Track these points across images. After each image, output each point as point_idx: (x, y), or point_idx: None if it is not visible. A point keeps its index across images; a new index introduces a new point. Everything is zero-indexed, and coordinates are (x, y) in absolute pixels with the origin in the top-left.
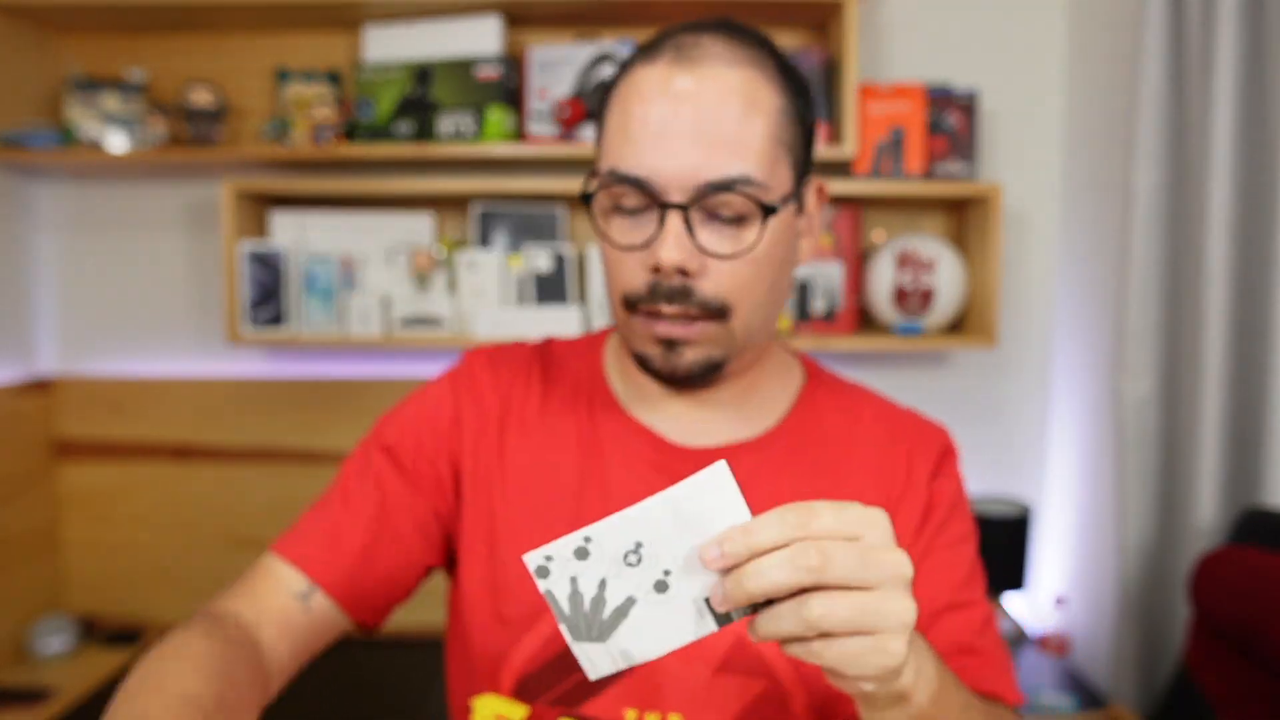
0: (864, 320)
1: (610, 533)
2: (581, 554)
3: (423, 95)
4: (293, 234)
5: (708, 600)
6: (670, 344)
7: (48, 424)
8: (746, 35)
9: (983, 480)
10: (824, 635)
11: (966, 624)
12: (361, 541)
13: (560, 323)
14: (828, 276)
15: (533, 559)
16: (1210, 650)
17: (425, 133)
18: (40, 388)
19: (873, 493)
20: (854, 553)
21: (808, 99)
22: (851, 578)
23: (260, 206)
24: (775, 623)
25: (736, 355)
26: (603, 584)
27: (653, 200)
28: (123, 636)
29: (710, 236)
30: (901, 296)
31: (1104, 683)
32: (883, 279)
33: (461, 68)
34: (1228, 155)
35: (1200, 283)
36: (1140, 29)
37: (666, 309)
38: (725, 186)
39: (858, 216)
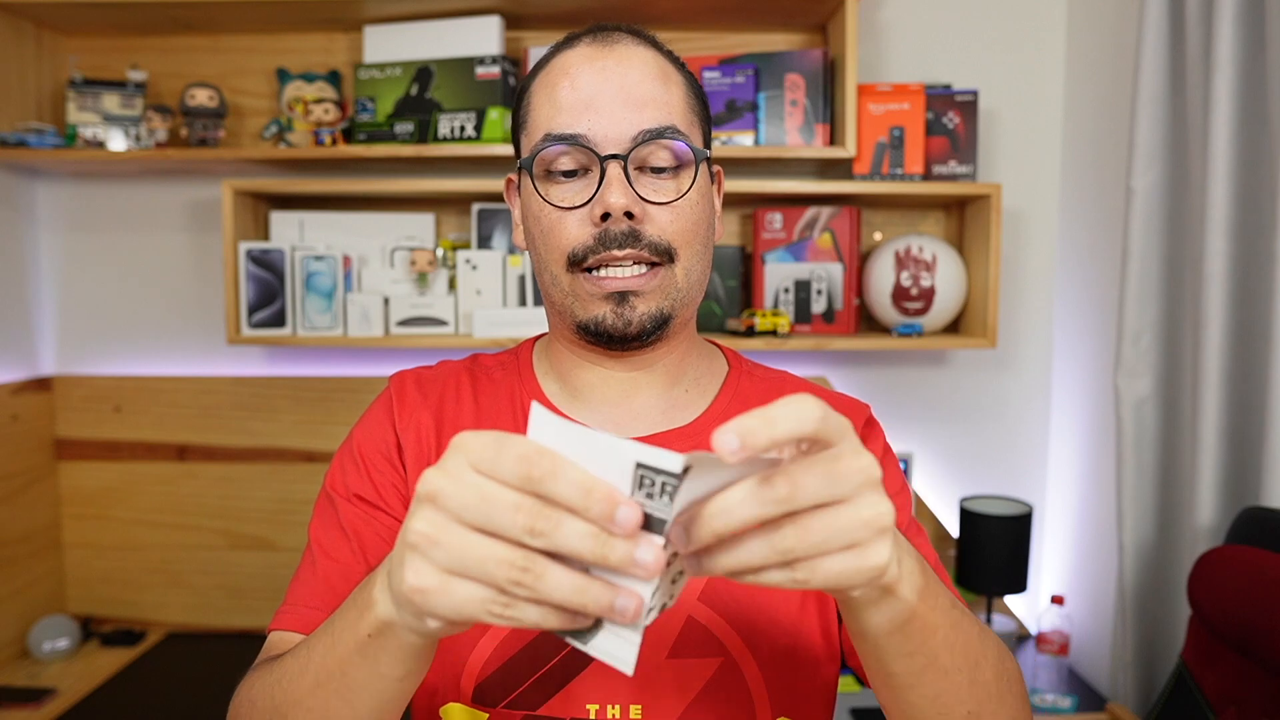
0: (864, 320)
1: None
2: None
3: (423, 95)
4: (293, 234)
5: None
6: (623, 297)
7: (48, 424)
8: (646, 35)
9: (983, 480)
10: (802, 559)
11: None
12: (356, 585)
13: None
14: (828, 276)
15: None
16: (1209, 650)
17: (425, 133)
18: (40, 388)
19: None
20: (820, 471)
21: (702, 96)
22: (823, 496)
23: (260, 206)
24: (744, 555)
25: (679, 310)
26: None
27: (591, 156)
28: (123, 636)
29: (647, 188)
30: (901, 296)
31: (1103, 682)
32: (883, 279)
33: (461, 68)
34: (1228, 155)
35: (1200, 283)
36: (1140, 29)
37: (618, 254)
38: (658, 134)
39: (857, 216)
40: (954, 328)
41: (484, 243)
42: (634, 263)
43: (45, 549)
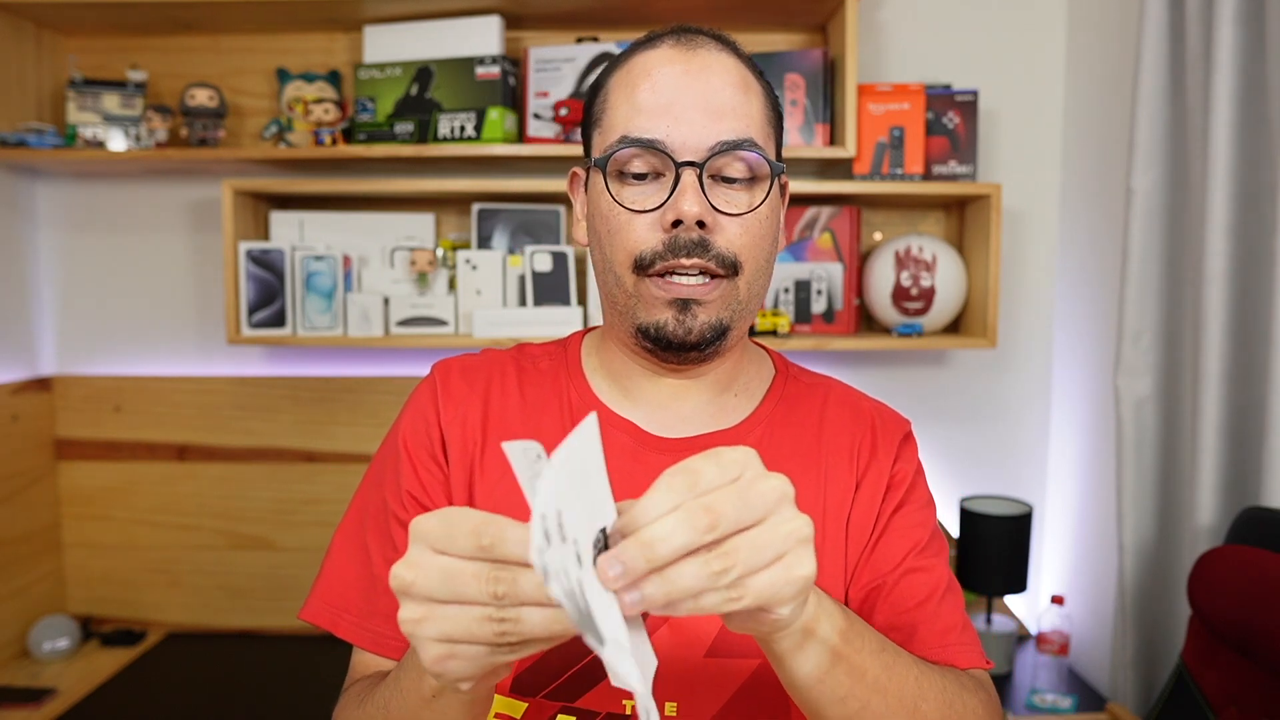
0: (864, 320)
1: (547, 513)
2: (549, 537)
3: (423, 95)
4: (293, 234)
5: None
6: (685, 305)
7: (48, 424)
8: (728, 40)
9: (982, 480)
10: (735, 580)
11: (923, 585)
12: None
13: (560, 323)
14: (828, 276)
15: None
16: (1209, 650)
17: (425, 133)
18: (40, 388)
19: (843, 471)
20: (735, 496)
21: (778, 107)
22: (744, 519)
23: (260, 206)
24: (680, 581)
25: (738, 322)
26: (567, 571)
27: (666, 162)
28: (123, 636)
29: (720, 198)
30: (901, 296)
31: (1103, 682)
32: (883, 279)
33: (461, 68)
34: (1228, 155)
35: (1200, 283)
36: (1140, 29)
37: (685, 262)
38: (735, 145)
39: (857, 216)
40: (954, 328)
41: (484, 243)
42: (699, 272)
43: (45, 549)
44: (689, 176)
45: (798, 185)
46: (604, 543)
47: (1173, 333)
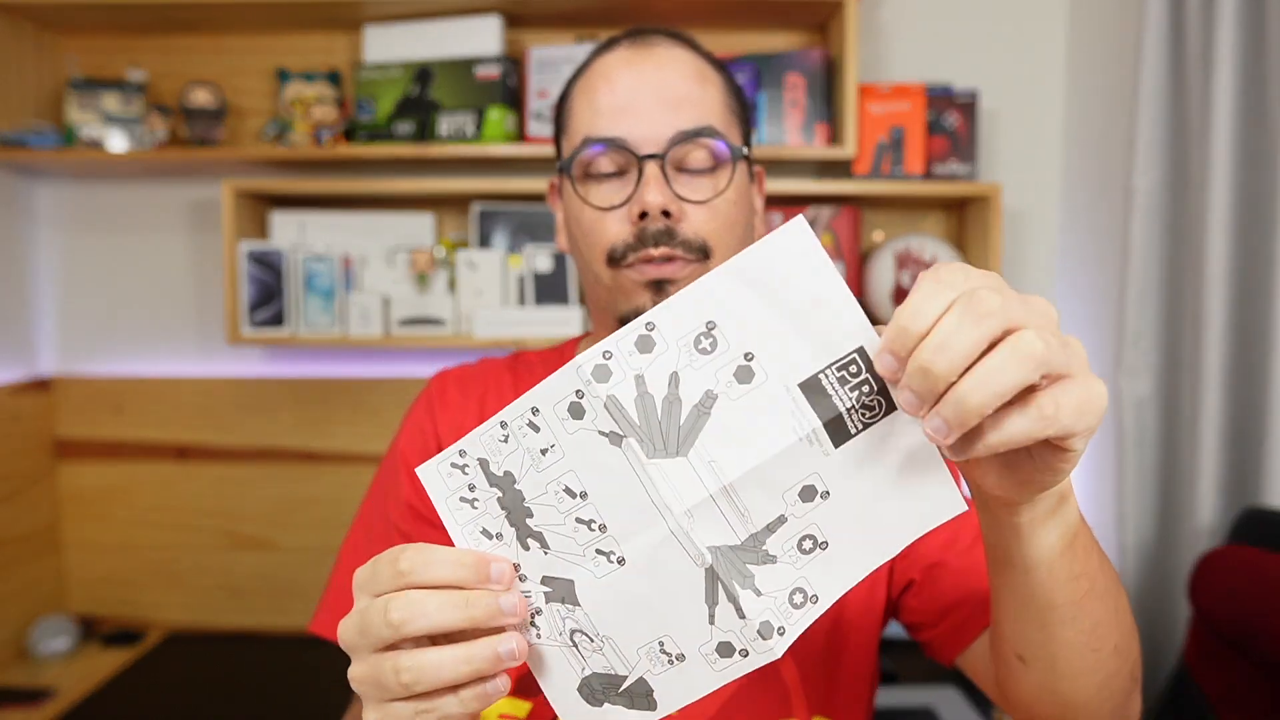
0: None
1: (675, 317)
2: (645, 344)
3: (423, 95)
4: (293, 234)
5: (806, 392)
6: (660, 285)
7: (48, 424)
8: (684, 36)
9: None
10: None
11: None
12: None
13: (560, 323)
14: None
15: (589, 358)
16: (1210, 650)
17: (425, 133)
18: (40, 388)
19: None
20: (1018, 301)
21: (741, 96)
22: (1060, 366)
23: (260, 206)
24: (1011, 429)
25: None
26: (674, 379)
27: (629, 158)
28: (123, 636)
29: (684, 187)
30: (902, 296)
31: None
32: (883, 279)
33: (461, 68)
34: (1228, 155)
35: (1200, 283)
36: (1140, 29)
37: (655, 252)
38: (694, 134)
39: (857, 217)
40: None
41: (484, 243)
42: (670, 260)
43: (45, 549)
44: (651, 168)
45: (798, 185)
46: (860, 368)
47: (1173, 333)
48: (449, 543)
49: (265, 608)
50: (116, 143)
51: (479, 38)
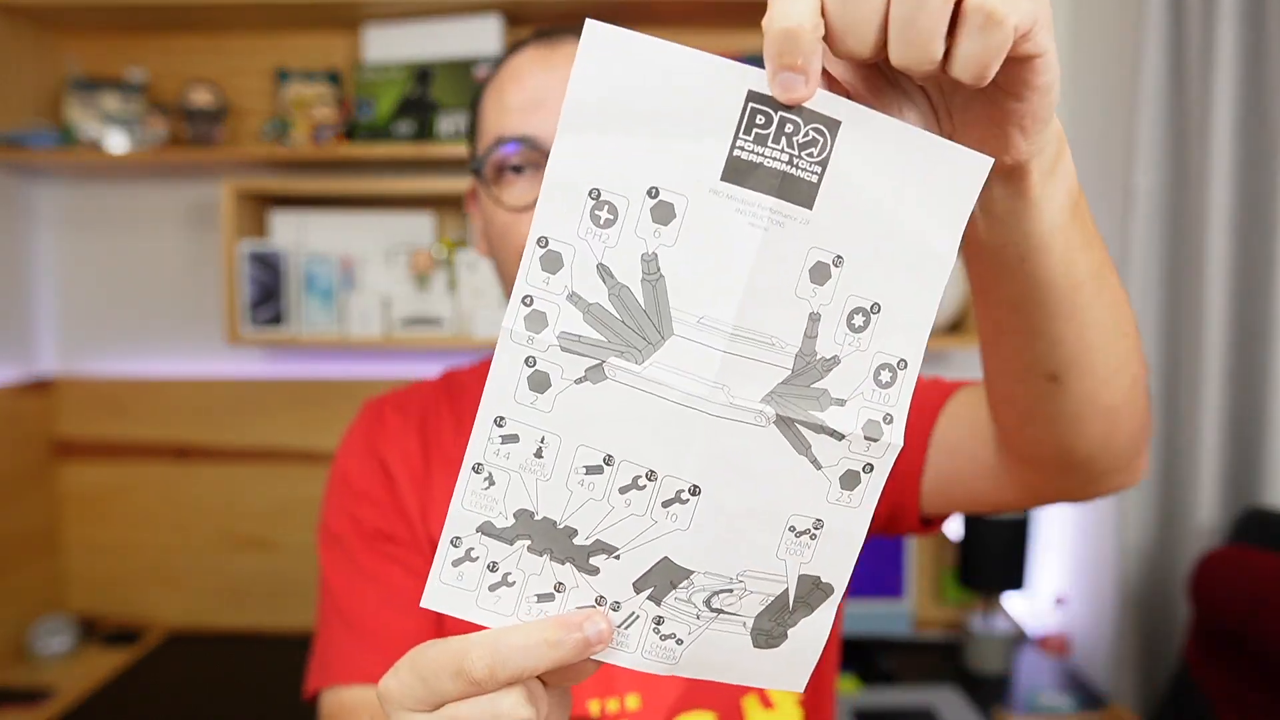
0: None
1: (559, 215)
2: (552, 262)
3: (423, 95)
4: (293, 234)
5: (735, 181)
6: None
7: (48, 424)
8: None
9: None
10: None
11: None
12: (402, 624)
13: None
14: None
15: (513, 317)
16: (1210, 650)
17: (425, 133)
18: (40, 388)
19: None
20: None
21: None
22: None
23: (260, 206)
24: (963, 53)
25: None
26: (604, 271)
27: (540, 156)
28: (123, 636)
29: None
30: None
31: (1104, 683)
32: None
33: (461, 68)
34: (1228, 155)
35: (1200, 283)
36: (1140, 29)
37: None
38: None
39: None
40: (956, 327)
41: None
42: None
43: (45, 549)
44: None
45: None
46: None
47: (1173, 333)
48: (396, 545)
49: (265, 608)
50: (116, 143)
51: (479, 38)
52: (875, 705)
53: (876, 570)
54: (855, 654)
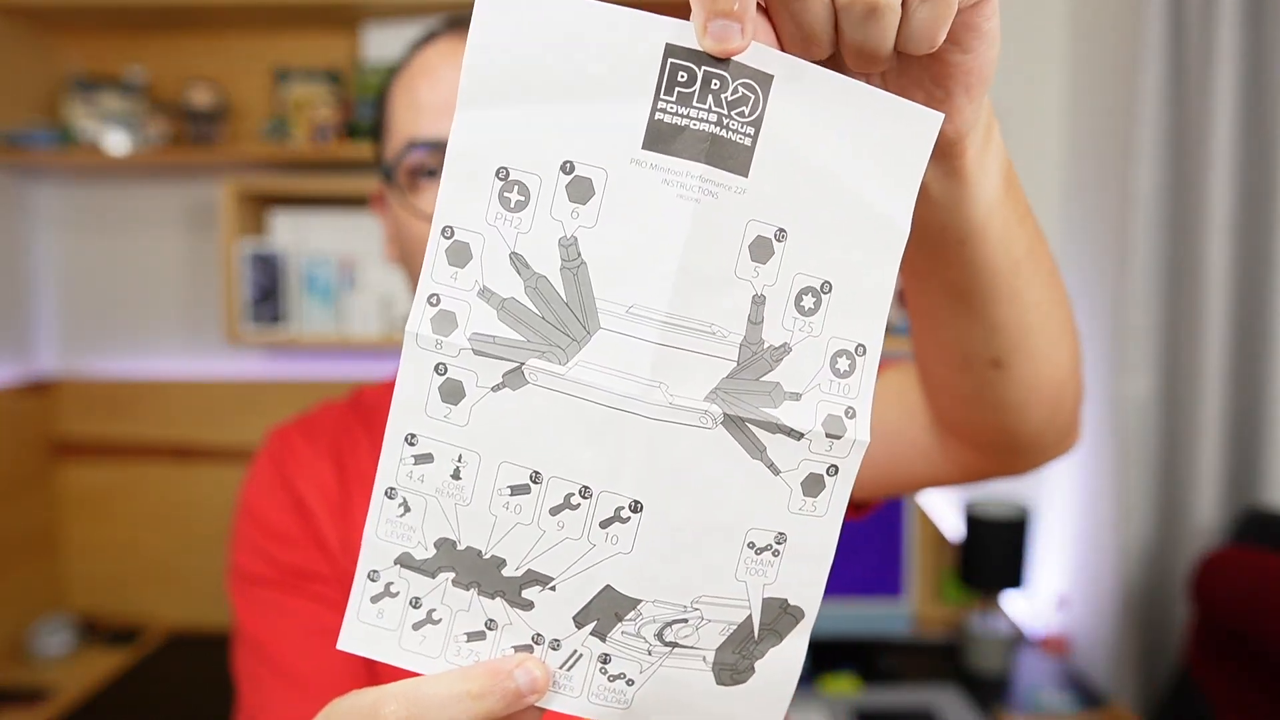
0: None
1: (463, 199)
2: (459, 254)
3: None
4: (292, 234)
5: (657, 148)
6: None
7: (48, 424)
8: None
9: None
10: None
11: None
12: (335, 666)
13: None
14: None
15: (418, 319)
16: (1210, 650)
17: None
18: (40, 388)
19: None
20: None
21: None
22: None
23: (260, 206)
24: (917, 21)
25: None
26: (517, 260)
27: None
28: (123, 636)
29: None
30: (901, 296)
31: (1104, 683)
32: None
33: None
34: (1228, 155)
35: (1200, 283)
36: (1140, 29)
37: None
38: None
39: None
40: None
41: None
42: None
43: (44, 549)
44: None
45: None
46: None
47: (1173, 332)
48: (314, 579)
49: None
50: (116, 142)
51: None
52: (875, 705)
53: (876, 570)
54: (855, 654)
